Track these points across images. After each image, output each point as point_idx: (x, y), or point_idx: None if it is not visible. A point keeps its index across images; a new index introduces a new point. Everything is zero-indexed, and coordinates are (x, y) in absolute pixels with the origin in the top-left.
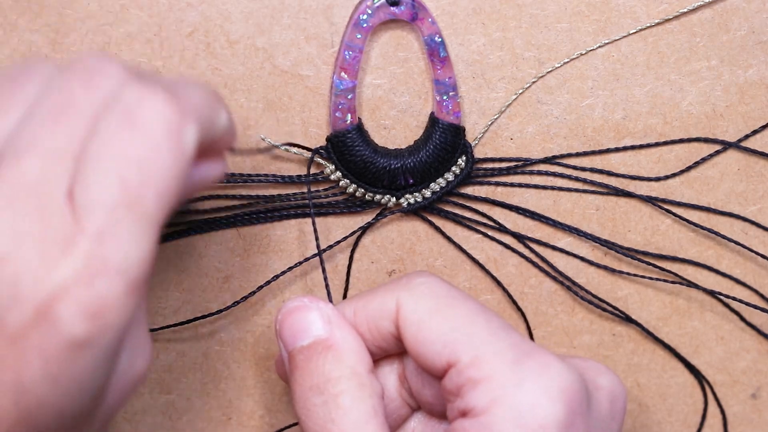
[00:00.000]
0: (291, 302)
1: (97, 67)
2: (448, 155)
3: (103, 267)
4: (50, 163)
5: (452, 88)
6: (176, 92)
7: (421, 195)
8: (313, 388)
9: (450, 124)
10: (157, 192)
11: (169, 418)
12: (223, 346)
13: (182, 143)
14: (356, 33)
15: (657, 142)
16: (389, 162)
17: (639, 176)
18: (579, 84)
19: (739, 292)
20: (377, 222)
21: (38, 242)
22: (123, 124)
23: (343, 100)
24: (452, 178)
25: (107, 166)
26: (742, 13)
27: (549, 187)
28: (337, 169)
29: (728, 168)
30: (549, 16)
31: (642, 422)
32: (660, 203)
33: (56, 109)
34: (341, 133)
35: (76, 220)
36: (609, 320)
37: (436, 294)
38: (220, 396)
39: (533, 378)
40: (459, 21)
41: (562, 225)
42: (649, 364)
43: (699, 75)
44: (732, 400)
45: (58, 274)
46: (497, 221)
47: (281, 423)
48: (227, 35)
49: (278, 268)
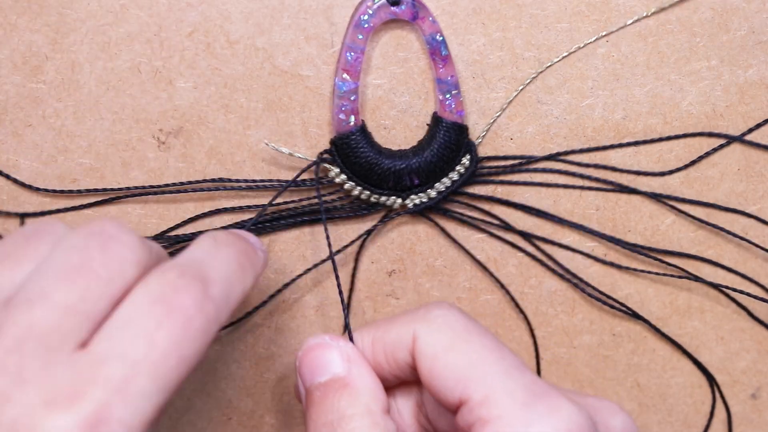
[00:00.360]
0: (312, 339)
1: (114, 234)
2: (452, 154)
3: (107, 419)
4: (62, 315)
5: (454, 86)
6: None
7: (427, 195)
8: (327, 425)
9: (453, 123)
10: (180, 357)
11: (169, 418)
12: (223, 346)
13: (209, 323)
14: (357, 34)
15: (660, 138)
16: (394, 163)
17: (643, 171)
18: (579, 84)
19: (744, 288)
20: (383, 224)
21: (42, 389)
22: (154, 302)
23: (346, 102)
24: (457, 177)
25: (135, 328)
26: (742, 13)
27: (552, 185)
28: (342, 171)
29: (728, 168)
30: (549, 16)
31: (642, 422)
32: (665, 199)
33: (72, 267)
34: (345, 136)
35: (92, 371)
36: (609, 320)
37: (452, 328)
38: (220, 396)
39: (543, 421)
40: (459, 21)
41: (566, 222)
42: (649, 364)
43: (699, 75)
44: (732, 400)
45: (58, 422)
46: (503, 220)
47: (281, 423)
48: (227, 35)
49: (288, 272)
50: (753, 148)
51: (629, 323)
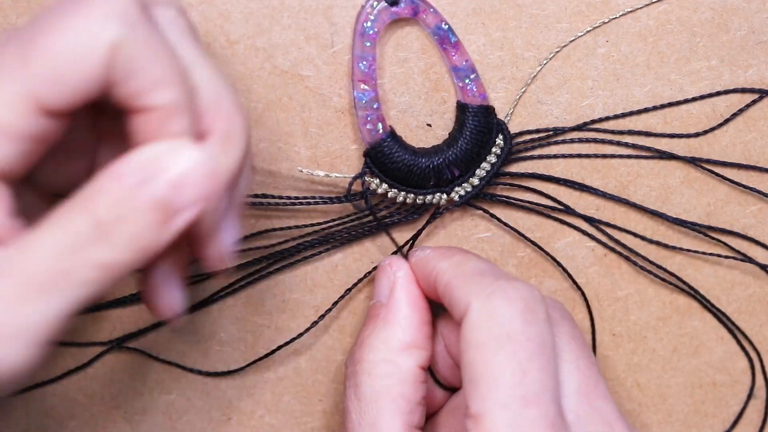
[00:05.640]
0: (386, 258)
1: None
2: (485, 138)
3: None
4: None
5: (471, 70)
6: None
7: (470, 184)
8: (360, 344)
9: (480, 106)
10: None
11: (169, 418)
12: (223, 346)
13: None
14: (365, 42)
15: (694, 97)
16: (431, 160)
17: (678, 134)
18: (579, 84)
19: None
20: (429, 224)
21: None
22: None
23: (370, 112)
24: (495, 159)
25: None
26: (742, 13)
27: (592, 156)
28: (383, 181)
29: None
30: (549, 16)
31: (642, 422)
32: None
33: None
34: (378, 144)
35: None
36: (609, 320)
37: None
38: (220, 396)
39: None
40: (459, 21)
41: (610, 196)
42: (649, 364)
43: (699, 75)
44: (732, 400)
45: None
46: (556, 199)
47: (281, 423)
48: (227, 35)
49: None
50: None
51: (629, 323)
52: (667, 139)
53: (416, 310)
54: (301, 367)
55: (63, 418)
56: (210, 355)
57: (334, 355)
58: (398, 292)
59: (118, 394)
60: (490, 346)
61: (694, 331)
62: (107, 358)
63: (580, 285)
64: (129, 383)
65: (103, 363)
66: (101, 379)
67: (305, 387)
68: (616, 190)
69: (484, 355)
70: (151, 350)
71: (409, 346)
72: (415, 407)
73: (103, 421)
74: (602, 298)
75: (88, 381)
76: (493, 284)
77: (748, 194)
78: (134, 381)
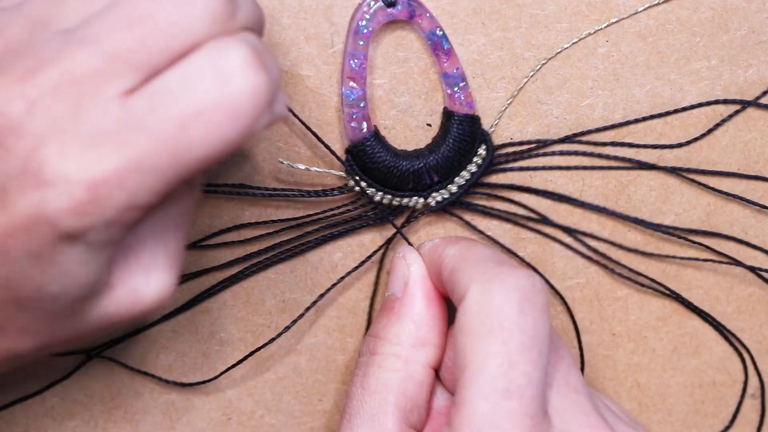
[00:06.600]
0: (401, 249)
1: None
2: (468, 146)
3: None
4: (106, 61)
5: (461, 78)
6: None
7: (448, 191)
8: (371, 336)
9: (465, 115)
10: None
11: (169, 418)
12: (223, 346)
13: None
14: (358, 40)
15: (675, 109)
16: (412, 163)
17: (660, 144)
18: (579, 84)
19: None
20: (404, 227)
21: (64, 131)
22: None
23: (356, 110)
24: (475, 169)
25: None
26: (742, 13)
27: (572, 168)
28: (361, 179)
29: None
30: (549, 16)
31: (642, 422)
32: (684, 173)
33: (136, 15)
34: (360, 143)
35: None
36: (609, 320)
37: (497, 317)
38: (220, 396)
39: None
40: (459, 21)
41: (589, 206)
42: (649, 364)
43: (699, 75)
44: (732, 399)
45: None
46: (531, 209)
47: (281, 423)
48: None
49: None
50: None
51: (629, 323)
52: (658, 148)
53: (430, 306)
54: (301, 367)
55: (63, 418)
56: (210, 355)
57: (334, 355)
58: (412, 287)
59: (118, 394)
60: (482, 333)
61: (694, 331)
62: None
63: (580, 285)
64: (129, 383)
65: (103, 363)
66: (101, 379)
67: (305, 387)
68: (608, 200)
69: (474, 343)
70: (151, 350)
71: (421, 343)
72: (415, 407)
73: (103, 422)
74: (602, 298)
75: (88, 381)
76: (493, 270)
77: (735, 202)
78: (134, 381)
